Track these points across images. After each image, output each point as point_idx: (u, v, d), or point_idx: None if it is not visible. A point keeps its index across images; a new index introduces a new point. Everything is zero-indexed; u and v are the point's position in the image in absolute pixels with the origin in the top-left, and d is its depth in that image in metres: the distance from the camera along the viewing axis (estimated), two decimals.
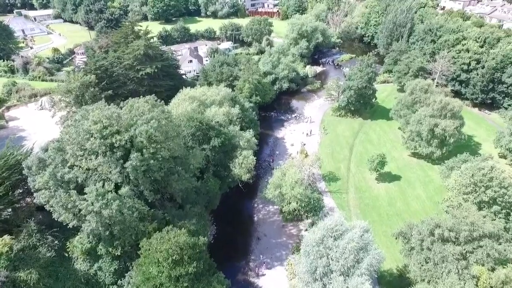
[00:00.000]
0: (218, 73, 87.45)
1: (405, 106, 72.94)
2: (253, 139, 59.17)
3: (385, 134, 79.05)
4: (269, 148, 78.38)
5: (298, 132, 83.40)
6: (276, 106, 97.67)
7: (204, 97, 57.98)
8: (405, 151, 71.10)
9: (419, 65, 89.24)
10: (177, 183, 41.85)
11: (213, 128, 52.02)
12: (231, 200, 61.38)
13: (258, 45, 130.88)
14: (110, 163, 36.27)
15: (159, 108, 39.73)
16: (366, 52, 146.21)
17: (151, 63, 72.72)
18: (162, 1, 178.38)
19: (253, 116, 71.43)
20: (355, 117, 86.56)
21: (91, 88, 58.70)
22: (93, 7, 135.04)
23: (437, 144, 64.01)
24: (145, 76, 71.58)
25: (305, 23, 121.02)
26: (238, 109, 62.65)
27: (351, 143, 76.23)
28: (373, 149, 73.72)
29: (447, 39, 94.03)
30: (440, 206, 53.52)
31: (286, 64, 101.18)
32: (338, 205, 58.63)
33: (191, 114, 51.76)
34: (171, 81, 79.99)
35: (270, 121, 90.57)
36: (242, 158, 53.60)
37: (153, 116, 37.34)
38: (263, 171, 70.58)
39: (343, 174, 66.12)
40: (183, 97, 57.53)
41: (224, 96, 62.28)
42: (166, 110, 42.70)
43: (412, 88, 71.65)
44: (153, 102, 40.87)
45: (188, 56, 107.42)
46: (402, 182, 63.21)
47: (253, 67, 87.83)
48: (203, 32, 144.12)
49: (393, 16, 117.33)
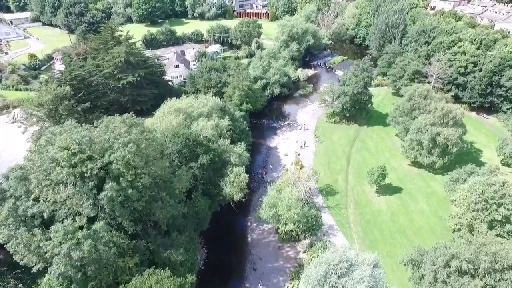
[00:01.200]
0: (206, 80, 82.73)
1: (403, 112, 69.65)
2: (244, 153, 54.77)
3: (383, 142, 75.63)
4: (261, 158, 74.07)
5: (291, 140, 79.29)
6: (268, 112, 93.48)
7: (190, 109, 53.29)
8: (405, 160, 67.75)
9: (415, 69, 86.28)
10: (161, 211, 37.13)
11: (201, 144, 47.39)
12: (223, 219, 56.85)
13: (247, 48, 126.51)
14: (81, 194, 31.37)
15: (138, 129, 34.92)
16: (358, 53, 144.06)
17: (133, 71, 67.59)
18: (147, 3, 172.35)
19: (244, 126, 67.01)
20: (351, 124, 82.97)
21: (66, 101, 53.30)
22: (73, 9, 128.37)
23: (438, 153, 60.76)
24: (127, 85, 66.35)
25: (296, 25, 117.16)
26: (228, 120, 58.14)
27: (347, 152, 72.53)
28: (371, 158, 70.22)
29: (442, 41, 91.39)
30: (447, 223, 50.02)
31: (277, 69, 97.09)
32: (337, 222, 54.68)
33: (177, 130, 47.02)
34: (156, 89, 75.01)
35: (262, 129, 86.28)
36: (233, 175, 49.14)
37: (131, 139, 32.54)
38: (256, 184, 66.19)
39: (341, 187, 62.28)
40: (167, 109, 52.71)
41: (213, 106, 57.69)
42: (147, 129, 37.93)
43: (410, 94, 68.38)
44: (132, 121, 36.05)
45: (174, 61, 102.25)
46: (403, 194, 59.72)
47: (243, 73, 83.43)
48: (190, 35, 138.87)
49: (385, 17, 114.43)
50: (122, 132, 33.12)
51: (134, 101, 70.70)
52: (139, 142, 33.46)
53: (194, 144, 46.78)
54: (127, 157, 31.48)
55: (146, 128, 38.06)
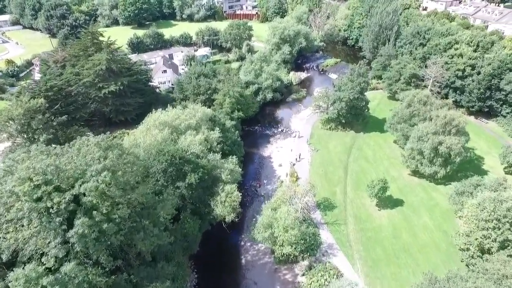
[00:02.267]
0: (194, 86, 78.50)
1: (402, 119, 66.62)
2: (237, 168, 50.89)
3: (381, 149, 72.52)
4: (255, 169, 70.23)
5: (286, 149, 75.65)
6: (261, 118, 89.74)
7: (177, 122, 49.11)
8: (405, 169, 64.67)
9: (412, 72, 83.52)
10: (143, 243, 32.97)
11: (188, 162, 43.29)
12: (214, 238, 52.79)
13: (238, 51, 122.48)
14: (47, 231, 27.07)
15: (115, 152, 30.68)
16: (351, 55, 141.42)
17: (116, 79, 63.03)
18: (133, 4, 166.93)
19: (236, 137, 63.08)
20: (347, 130, 79.71)
21: (39, 115, 48.57)
22: (54, 12, 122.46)
23: (440, 163, 57.83)
24: (109, 94, 61.77)
25: (287, 27, 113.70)
26: (218, 132, 54.13)
27: (345, 161, 69.18)
28: (369, 167, 67.02)
29: (438, 43, 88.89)
30: (454, 240, 46.88)
31: (269, 73, 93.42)
32: (337, 240, 51.17)
33: (162, 146, 42.83)
34: (141, 98, 70.52)
35: (254, 137, 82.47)
36: (225, 194, 45.19)
37: (106, 165, 28.34)
38: (250, 198, 62.35)
39: (339, 201, 58.82)
40: (152, 122, 48.44)
41: (201, 117, 53.61)
42: (126, 151, 33.69)
43: (409, 100, 65.40)
44: (107, 144, 31.83)
45: (161, 66, 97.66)
46: (405, 207, 56.55)
47: (233, 78, 79.48)
48: (178, 38, 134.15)
49: (379, 18, 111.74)
50: (95, 157, 28.89)
51: (118, 111, 66.16)
52: (116, 169, 29.29)
53: (181, 162, 42.67)
54: (101, 188, 27.30)
55: (126, 150, 33.86)
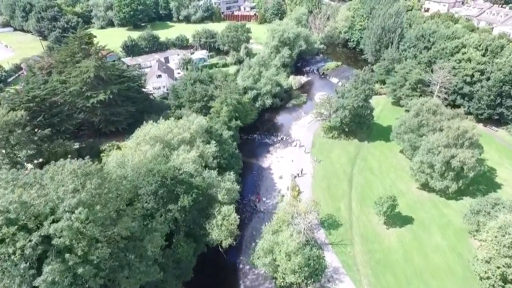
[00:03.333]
0: (190, 93, 74.52)
1: (409, 129, 62.84)
2: (234, 185, 46.93)
3: (387, 160, 68.76)
4: (253, 182, 66.28)
5: (286, 159, 71.78)
6: (260, 125, 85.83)
7: (169, 136, 45.10)
8: (413, 182, 60.87)
9: (418, 78, 79.80)
10: (128, 281, 29.00)
11: (181, 182, 39.31)
12: (210, 260, 48.81)
13: (235, 54, 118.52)
14: (11, 278, 23.05)
15: (94, 182, 26.65)
16: (351, 58, 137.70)
17: (105, 87, 58.96)
18: (128, 6, 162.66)
19: (234, 149, 59.09)
20: (350, 139, 75.91)
21: (19, 129, 44.50)
22: (45, 14, 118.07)
23: (452, 177, 54.12)
24: (98, 104, 57.69)
25: (287, 30, 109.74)
26: (215, 146, 50.17)
27: (349, 173, 65.37)
28: (375, 180, 63.23)
29: (444, 47, 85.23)
30: (471, 266, 43.13)
31: (268, 78, 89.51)
32: (343, 263, 47.34)
33: (152, 166, 38.84)
34: (133, 106, 66.41)
35: (253, 145, 78.58)
36: (221, 217, 41.24)
37: (82, 200, 24.36)
38: (248, 214, 58.43)
39: (344, 217, 54.97)
40: (142, 137, 44.43)
41: (196, 130, 49.63)
42: (108, 177, 29.68)
43: (417, 109, 61.64)
44: (86, 170, 27.80)
45: (156, 71, 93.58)
46: (415, 225, 52.77)
47: (231, 85, 75.53)
48: (174, 40, 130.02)
49: (381, 20, 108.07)
50: (69, 189, 24.86)
51: (108, 121, 62.11)
52: (94, 202, 25.30)
53: (173, 183, 38.69)
54: (75, 226, 23.31)
55: (108, 176, 29.79)
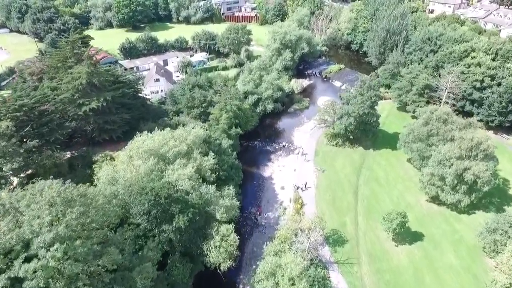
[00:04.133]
0: (188, 99, 71.68)
1: (418, 138, 59.83)
2: (234, 201, 43.99)
3: (393, 170, 65.76)
4: (254, 192, 63.32)
5: (288, 168, 68.81)
6: (260, 131, 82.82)
7: (164, 149, 42.19)
8: (421, 194, 57.89)
9: (425, 83, 76.74)
10: None
11: (176, 201, 36.40)
12: (208, 279, 45.84)
13: (236, 56, 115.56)
14: None
15: (75, 210, 23.73)
16: (354, 60, 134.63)
17: (98, 94, 56.06)
18: (127, 6, 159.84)
19: (234, 160, 56.12)
20: (355, 147, 72.90)
21: (3, 141, 41.64)
22: (41, 15, 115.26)
23: (465, 191, 51.11)
24: (90, 112, 54.79)
25: (288, 32, 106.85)
26: (213, 158, 47.23)
27: (354, 184, 62.38)
28: (382, 191, 60.23)
29: (452, 50, 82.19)
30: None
31: (269, 83, 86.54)
32: (350, 285, 44.35)
33: (144, 183, 35.92)
34: (129, 113, 63.48)
35: (253, 153, 75.65)
36: (219, 238, 38.31)
37: (59, 234, 21.42)
38: (249, 228, 55.49)
39: (350, 233, 51.96)
40: (135, 150, 41.51)
41: (194, 141, 46.71)
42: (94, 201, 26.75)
43: (427, 118, 58.62)
44: (68, 197, 24.85)
45: (154, 75, 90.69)
46: (425, 242, 49.76)
47: (231, 90, 72.63)
48: (173, 43, 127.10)
49: (386, 23, 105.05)
50: (45, 222, 21.91)
51: (101, 130, 59.19)
52: (75, 235, 22.37)
53: (167, 202, 35.76)
54: (51, 265, 20.40)
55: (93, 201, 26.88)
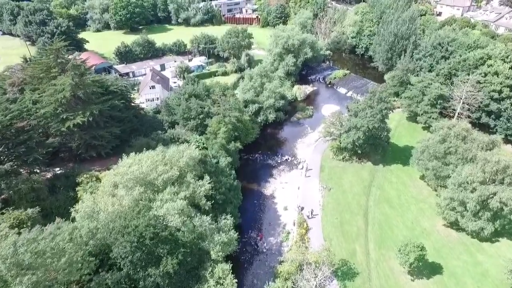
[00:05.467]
0: (184, 110, 66.76)
1: (434, 156, 54.74)
2: (232, 234, 38.97)
3: (406, 189, 60.67)
4: (254, 213, 58.28)
5: (291, 185, 63.85)
6: (262, 143, 77.72)
7: (153, 175, 37.21)
8: (438, 217, 52.82)
9: (438, 93, 71.59)
10: None
11: (164, 241, 31.40)
12: None
13: (236, 61, 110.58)
14: None
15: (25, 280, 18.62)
16: (359, 65, 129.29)
17: (84, 108, 51.12)
18: (125, 8, 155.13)
19: (232, 180, 51.06)
20: (363, 162, 67.84)
21: None
22: (33, 18, 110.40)
23: (488, 218, 46.05)
24: (75, 128, 49.84)
25: (291, 36, 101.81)
26: (208, 182, 42.20)
27: (364, 205, 57.29)
28: (394, 214, 55.11)
29: (466, 57, 77.07)
30: None
31: (271, 91, 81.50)
32: None
33: (127, 221, 30.92)
34: (120, 126, 58.61)
35: (254, 167, 70.60)
36: (214, 281, 33.28)
37: None
38: (248, 255, 50.41)
39: (361, 264, 46.88)
40: (119, 177, 36.52)
41: (187, 163, 41.71)
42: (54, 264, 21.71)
43: (444, 134, 53.52)
44: (19, 260, 19.79)
45: (149, 81, 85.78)
46: (445, 276, 44.62)
47: (230, 100, 67.69)
48: (171, 46, 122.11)
49: (394, 27, 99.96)
50: None
51: (88, 146, 54.29)
52: None
53: (154, 243, 30.76)
54: None
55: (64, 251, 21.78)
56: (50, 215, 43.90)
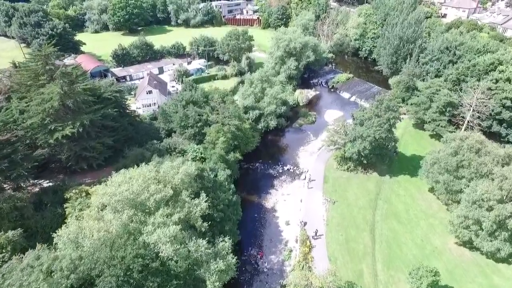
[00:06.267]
0: (181, 117, 63.70)
1: (445, 169, 51.62)
2: (230, 259, 35.93)
3: (414, 202, 57.54)
4: (255, 229, 55.20)
5: (293, 197, 60.82)
6: (262, 151, 74.61)
7: (145, 196, 34.12)
8: (449, 234, 49.69)
9: (447, 100, 68.43)
10: None
11: (154, 273, 28.35)
12: None
13: (236, 64, 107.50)
14: None
15: None
16: (363, 68, 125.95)
17: (74, 118, 48.11)
18: (123, 9, 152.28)
19: (231, 195, 47.96)
20: (369, 172, 64.78)
21: None
22: (28, 19, 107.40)
23: (505, 238, 42.96)
24: (64, 139, 46.84)
25: (293, 39, 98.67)
26: (205, 200, 39.12)
27: (370, 221, 54.16)
28: (403, 231, 51.97)
29: (476, 63, 73.93)
30: None
31: (273, 97, 78.42)
32: None
33: (114, 252, 27.85)
34: (113, 136, 55.60)
35: (254, 177, 67.58)
36: None
37: None
38: (248, 275, 47.40)
39: (369, 286, 43.83)
40: (107, 198, 33.43)
41: (183, 180, 38.62)
42: None
43: (456, 147, 50.37)
44: None
45: (146, 86, 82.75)
46: None
47: (229, 107, 64.63)
48: (169, 48, 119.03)
49: (400, 29, 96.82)
50: None
51: (79, 158, 51.28)
52: None
53: (143, 276, 27.70)
54: None
55: None
56: (35, 235, 41.07)
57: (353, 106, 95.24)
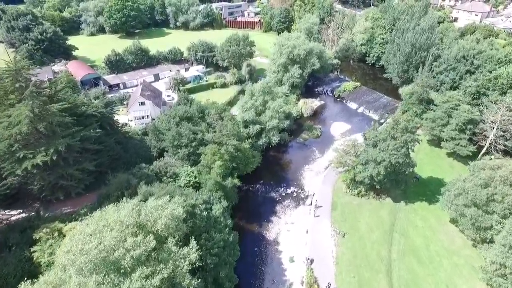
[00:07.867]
0: (174, 136, 57.39)
1: (473, 202, 45.10)
2: None
3: (434, 236, 50.98)
4: (254, 265, 48.82)
5: (298, 227, 54.49)
6: (263, 169, 67.96)
7: (120, 253, 27.67)
8: (475, 277, 43.22)
9: (469, 117, 61.83)
10: None
11: None
12: None
13: (236, 71, 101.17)
14: None
15: None
16: (370, 75, 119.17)
17: (48, 143, 41.79)
18: (119, 11, 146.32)
19: (228, 235, 41.54)
20: (381, 198, 58.32)
21: None
22: (16, 23, 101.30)
23: None
24: (35, 169, 40.55)
25: (297, 46, 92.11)
26: (196, 249, 32.79)
27: (386, 258, 47.68)
28: (423, 273, 45.44)
29: (498, 74, 67.37)
30: None
31: (275, 110, 71.99)
32: None
33: None
34: (96, 159, 49.34)
35: (254, 202, 61.21)
36: None
37: None
38: None
39: None
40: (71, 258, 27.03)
41: (168, 225, 32.22)
42: None
43: (487, 178, 43.85)
44: None
45: (138, 97, 76.47)
46: None
47: (228, 125, 58.19)
48: (166, 54, 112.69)
49: (412, 36, 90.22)
50: None
51: (55, 187, 44.99)
52: None
53: None
54: None
55: None
56: None
57: (361, 117, 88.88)
